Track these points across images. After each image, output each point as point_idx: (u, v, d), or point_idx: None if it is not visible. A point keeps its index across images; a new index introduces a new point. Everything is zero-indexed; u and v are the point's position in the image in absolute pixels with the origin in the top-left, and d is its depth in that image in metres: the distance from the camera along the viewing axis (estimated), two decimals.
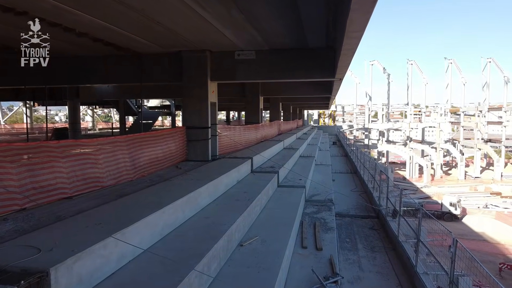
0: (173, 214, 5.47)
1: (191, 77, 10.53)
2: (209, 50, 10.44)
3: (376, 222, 10.06)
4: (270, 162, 12.76)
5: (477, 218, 41.91)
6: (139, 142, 8.06)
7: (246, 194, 7.98)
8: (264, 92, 18.83)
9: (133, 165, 7.61)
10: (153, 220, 4.84)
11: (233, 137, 13.37)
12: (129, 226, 4.30)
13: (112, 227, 4.22)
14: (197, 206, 6.42)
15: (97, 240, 3.74)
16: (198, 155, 10.61)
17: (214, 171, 8.58)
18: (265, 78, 10.93)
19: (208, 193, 7.01)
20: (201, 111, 10.54)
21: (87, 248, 3.52)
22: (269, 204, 8.72)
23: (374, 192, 12.05)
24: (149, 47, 10.12)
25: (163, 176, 7.97)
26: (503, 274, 26.40)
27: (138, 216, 4.66)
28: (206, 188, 6.95)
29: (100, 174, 6.46)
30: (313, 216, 9.07)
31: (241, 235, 6.20)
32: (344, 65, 8.57)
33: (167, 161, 9.27)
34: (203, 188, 6.79)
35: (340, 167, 20.95)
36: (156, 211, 5.00)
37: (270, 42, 9.92)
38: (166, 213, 5.24)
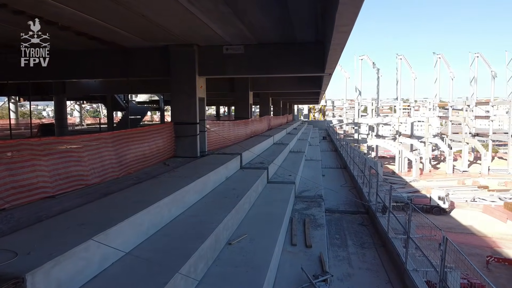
0: (159, 213, 5.33)
1: (179, 72, 10.34)
2: (197, 44, 10.26)
3: (365, 218, 10.05)
4: (259, 158, 12.66)
5: (465, 211, 42.52)
6: (125, 139, 7.88)
7: (234, 191, 7.87)
8: (254, 87, 18.68)
9: (119, 162, 7.44)
10: (138, 220, 4.71)
11: (222, 133, 13.23)
12: (113, 227, 4.16)
13: (95, 227, 4.07)
14: (184, 204, 6.29)
15: (78, 242, 3.60)
16: (186, 151, 10.46)
17: (202, 168, 8.45)
18: (254, 73, 10.80)
19: (195, 190, 6.88)
20: (190, 107, 10.38)
21: (67, 251, 3.38)
22: (258, 200, 8.63)
23: (363, 187, 12.04)
24: (135, 41, 9.90)
25: (150, 173, 7.82)
26: (490, 267, 26.82)
27: (122, 216, 4.52)
28: (194, 185, 6.82)
29: (84, 172, 6.29)
30: (303, 213, 9.01)
31: (230, 233, 6.09)
32: (334, 60, 8.49)
33: (155, 158, 9.10)
34: (190, 185, 6.66)
35: (330, 162, 20.96)
36: (141, 211, 4.87)
37: (258, 36, 9.78)
38: (151, 212, 5.11)
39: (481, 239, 33.23)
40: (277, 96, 29.50)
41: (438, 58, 75.04)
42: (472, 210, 43.29)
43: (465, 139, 68.43)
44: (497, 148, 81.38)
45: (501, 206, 43.83)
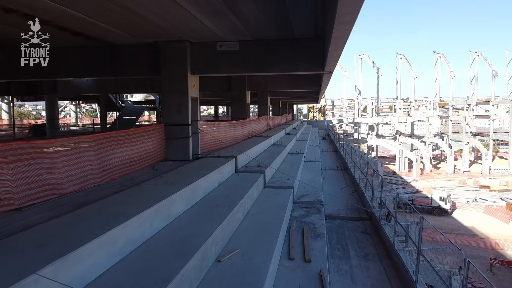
0: (139, 227, 4.72)
1: (169, 70, 9.74)
2: (188, 40, 9.65)
3: (368, 225, 9.44)
4: (256, 160, 12.05)
5: (466, 212, 41.96)
6: (110, 142, 7.27)
7: (227, 198, 7.26)
8: (251, 87, 18.08)
9: (102, 167, 6.83)
10: (111, 237, 4.10)
11: (217, 134, 12.62)
12: (77, 249, 3.55)
13: (56, 250, 3.47)
14: (170, 216, 5.68)
15: (27, 272, 2.98)
16: (178, 155, 9.86)
17: (193, 173, 7.85)
18: (250, 71, 10.18)
19: (183, 199, 6.27)
20: (181, 107, 9.77)
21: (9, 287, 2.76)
22: (253, 208, 8.01)
23: (366, 191, 11.43)
24: (122, 37, 9.29)
25: (135, 179, 7.21)
26: (494, 270, 26.24)
27: (92, 234, 3.91)
28: (181, 193, 6.21)
29: (59, 180, 5.67)
30: (302, 220, 8.39)
31: (219, 248, 5.48)
32: (334, 57, 7.85)
33: (143, 162, 8.49)
34: (177, 194, 6.05)
35: (330, 163, 20.35)
36: (117, 226, 4.26)
37: (254, 31, 9.17)
38: (129, 227, 4.50)
39: (483, 241, 32.66)
40: (276, 95, 28.89)
41: (439, 57, 74.53)
42: (474, 210, 42.74)
43: (466, 138, 67.86)
44: (497, 147, 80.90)
45: (503, 206, 43.30)
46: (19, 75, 11.20)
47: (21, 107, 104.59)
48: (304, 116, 76.81)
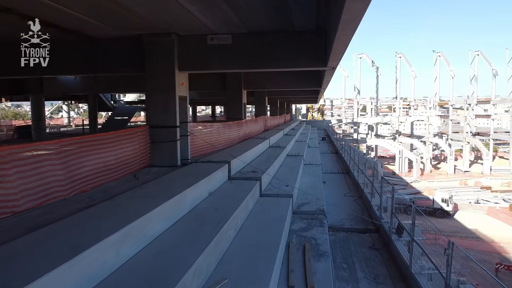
0: (99, 258, 3.75)
1: (155, 66, 8.77)
2: (175, 33, 8.68)
3: (376, 238, 8.50)
4: (252, 166, 11.08)
5: (469, 214, 41.07)
6: (80, 147, 6.30)
7: (217, 212, 6.30)
8: (248, 85, 17.09)
9: (69, 177, 5.86)
10: (55, 280, 3.13)
11: (210, 137, 11.65)
12: None
13: None
14: (145, 238, 4.70)
15: None
16: (164, 160, 8.89)
17: (179, 182, 6.89)
18: (244, 67, 9.23)
19: (164, 215, 5.30)
20: (168, 107, 8.81)
21: None
22: (247, 221, 7.04)
23: (371, 198, 10.49)
24: (102, 29, 8.33)
25: (110, 191, 6.24)
26: (500, 275, 25.24)
27: (26, 278, 2.95)
28: (161, 209, 5.24)
29: (10, 196, 4.70)
30: (302, 235, 7.42)
31: (204, 279, 4.51)
32: (340, 48, 6.84)
33: (123, 169, 7.52)
34: (156, 210, 5.08)
35: (331, 166, 19.41)
36: (66, 262, 3.29)
37: (248, 22, 8.22)
38: (85, 260, 3.53)
39: (488, 244, 31.73)
40: (274, 95, 27.93)
41: (438, 56, 73.74)
42: (476, 212, 41.83)
43: (466, 138, 67.05)
44: (496, 147, 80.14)
45: (506, 208, 42.42)
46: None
47: (18, 107, 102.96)
48: (302, 116, 75.89)
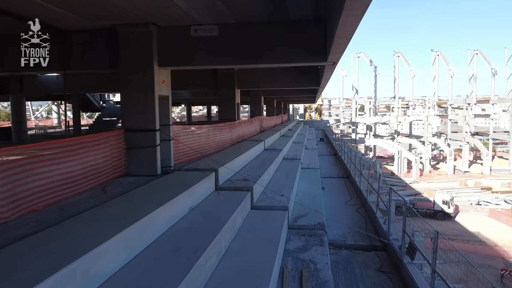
0: None
1: (130, 61, 7.69)
2: (154, 23, 7.60)
3: (384, 258, 7.44)
4: (244, 171, 10.03)
5: (470, 216, 40.24)
6: (32, 157, 5.22)
7: (197, 235, 5.23)
8: (241, 84, 16.01)
9: (13, 195, 4.77)
10: None
11: (198, 141, 10.58)
12: None
13: None
14: (95, 279, 3.63)
15: None
16: (142, 168, 7.81)
17: (153, 197, 5.83)
18: (233, 62, 8.16)
19: (124, 246, 4.22)
20: (146, 108, 7.73)
21: None
22: (234, 243, 5.96)
23: (377, 210, 9.44)
24: (70, 19, 7.25)
25: (67, 210, 5.16)
26: (505, 281, 24.38)
27: None
28: (122, 237, 4.16)
29: None
30: (299, 257, 6.34)
31: None
32: (345, 35, 5.66)
33: (90, 181, 6.44)
34: (113, 240, 4.00)
35: (330, 169, 18.37)
36: None
37: (237, 11, 7.17)
38: None
39: (491, 248, 30.81)
40: (270, 94, 26.86)
41: (437, 55, 72.91)
42: (478, 214, 40.98)
43: (465, 138, 66.23)
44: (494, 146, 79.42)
45: (508, 210, 41.58)
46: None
47: None
48: (300, 116, 74.89)
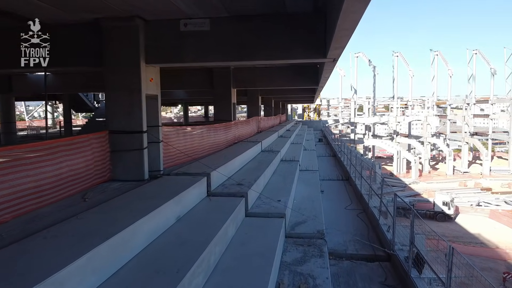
0: None
1: (115, 58, 7.15)
2: (140, 17, 7.05)
3: (388, 269, 6.91)
4: (239, 175, 9.50)
5: (470, 217, 39.79)
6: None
7: (182, 249, 4.69)
8: (238, 83, 15.48)
9: None
10: None
11: (190, 143, 10.05)
12: None
13: None
14: None
15: None
16: (129, 173, 7.27)
17: (134, 207, 5.28)
18: (225, 59, 7.59)
19: (93, 268, 3.66)
20: (132, 109, 7.18)
21: None
22: (225, 257, 5.42)
23: (379, 217, 8.91)
24: (48, 11, 6.70)
25: (37, 221, 4.61)
26: (507, 285, 23.86)
27: None
28: (91, 258, 3.61)
29: None
30: (296, 271, 5.80)
31: None
32: (347, 27, 5.08)
33: (68, 188, 5.89)
34: (80, 261, 3.45)
35: (329, 171, 17.83)
36: None
37: (230, 3, 6.63)
38: None
39: (493, 250, 30.31)
40: (268, 94, 26.35)
41: (436, 55, 72.51)
42: (478, 215, 40.54)
43: (465, 138, 65.82)
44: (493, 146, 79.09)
45: (509, 211, 41.14)
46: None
47: (28, 107, 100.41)
48: (298, 116, 74.31)
